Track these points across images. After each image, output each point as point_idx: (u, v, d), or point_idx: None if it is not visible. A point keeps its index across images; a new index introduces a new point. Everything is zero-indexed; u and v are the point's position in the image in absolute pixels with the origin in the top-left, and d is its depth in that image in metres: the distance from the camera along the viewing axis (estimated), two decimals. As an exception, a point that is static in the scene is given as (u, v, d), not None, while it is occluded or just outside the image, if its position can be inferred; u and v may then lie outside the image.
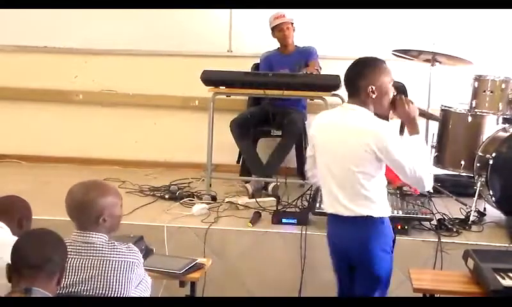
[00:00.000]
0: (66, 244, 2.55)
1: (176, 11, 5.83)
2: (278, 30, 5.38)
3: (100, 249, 2.55)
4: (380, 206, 3.02)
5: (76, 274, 2.51)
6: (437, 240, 4.09)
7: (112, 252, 2.55)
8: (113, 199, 2.67)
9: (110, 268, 2.51)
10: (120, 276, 2.51)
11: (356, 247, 3.03)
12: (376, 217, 3.00)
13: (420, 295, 3.17)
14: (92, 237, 2.57)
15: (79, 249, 2.55)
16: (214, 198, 4.90)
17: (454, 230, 4.25)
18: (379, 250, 3.03)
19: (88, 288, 2.49)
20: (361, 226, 3.00)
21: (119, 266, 2.52)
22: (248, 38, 5.95)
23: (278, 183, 4.98)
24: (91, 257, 2.53)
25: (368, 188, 2.97)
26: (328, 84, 4.78)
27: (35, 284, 2.20)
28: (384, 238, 3.06)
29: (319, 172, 3.13)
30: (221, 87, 5.01)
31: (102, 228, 2.60)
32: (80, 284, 2.49)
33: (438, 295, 3.19)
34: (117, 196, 2.70)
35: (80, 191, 2.63)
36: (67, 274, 2.50)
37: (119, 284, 2.50)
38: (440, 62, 5.12)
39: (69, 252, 2.52)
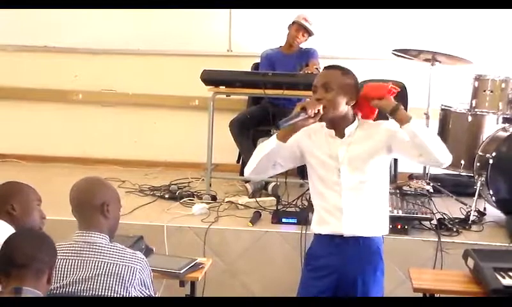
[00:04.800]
0: (67, 246, 2.55)
1: (176, 11, 5.82)
2: (295, 29, 5.39)
3: (101, 250, 2.53)
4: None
5: (74, 273, 2.49)
6: (437, 239, 4.09)
7: (113, 255, 2.52)
8: (115, 194, 2.68)
9: (109, 271, 2.48)
10: (118, 279, 2.48)
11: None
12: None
13: (420, 294, 3.17)
14: (93, 237, 2.55)
15: (79, 250, 2.53)
16: (213, 198, 4.89)
17: (454, 230, 4.24)
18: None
19: (86, 288, 2.47)
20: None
21: (118, 269, 2.49)
22: (247, 37, 5.95)
23: (278, 183, 4.97)
24: (91, 258, 2.51)
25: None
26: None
27: (24, 284, 2.17)
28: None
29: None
30: (220, 87, 5.01)
31: (105, 224, 2.58)
32: (79, 284, 2.47)
33: (438, 295, 3.19)
34: (118, 195, 2.71)
35: (84, 183, 2.65)
36: (66, 273, 2.49)
37: (119, 287, 2.48)
38: (440, 62, 5.12)
39: (69, 254, 2.52)
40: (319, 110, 2.76)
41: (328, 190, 2.90)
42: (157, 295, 2.67)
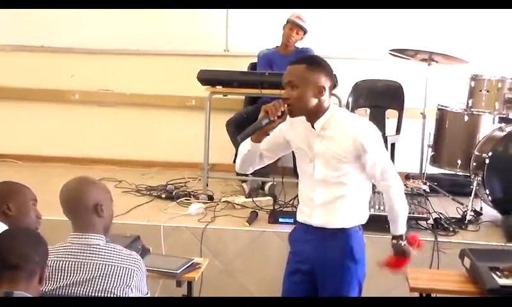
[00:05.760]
0: (64, 247, 2.54)
1: (173, 11, 5.81)
2: (289, 28, 5.39)
3: (99, 252, 2.51)
4: None
5: (73, 275, 2.47)
6: (434, 239, 4.10)
7: (111, 257, 2.51)
8: (106, 192, 2.66)
9: (108, 272, 2.48)
10: (117, 281, 2.48)
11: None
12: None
13: (417, 294, 3.17)
14: (90, 238, 2.53)
15: (76, 252, 2.51)
16: (210, 198, 4.90)
17: (451, 229, 4.26)
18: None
19: (85, 290, 2.46)
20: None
21: (116, 271, 2.48)
22: (244, 37, 5.95)
23: (275, 183, 4.98)
24: (89, 260, 2.49)
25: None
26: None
27: (16, 287, 2.13)
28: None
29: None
30: (217, 87, 5.01)
31: (99, 223, 2.57)
32: (77, 286, 2.46)
33: (434, 295, 3.19)
34: (108, 191, 2.68)
35: (74, 184, 2.62)
36: (64, 275, 2.48)
37: (117, 289, 2.47)
38: (437, 62, 5.12)
39: (66, 255, 2.51)
40: (282, 111, 2.74)
41: (304, 180, 2.92)
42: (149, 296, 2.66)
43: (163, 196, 4.96)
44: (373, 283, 3.61)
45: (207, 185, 5.05)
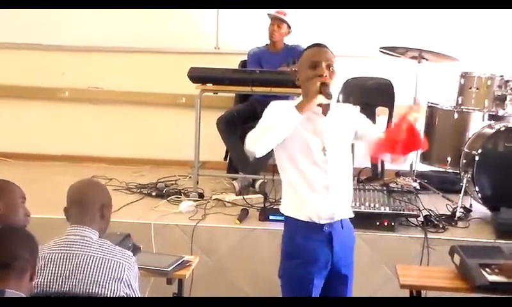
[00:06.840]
0: (60, 240, 2.56)
1: (164, 9, 5.80)
2: (271, 23, 5.39)
3: (91, 244, 2.54)
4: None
5: (65, 267, 2.49)
6: (424, 236, 4.11)
7: (103, 250, 2.54)
8: (110, 198, 2.74)
9: (99, 265, 2.49)
10: (108, 274, 2.49)
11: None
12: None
13: (407, 291, 3.18)
14: (84, 230, 2.57)
15: (70, 244, 2.54)
16: (201, 195, 4.89)
17: (441, 226, 4.27)
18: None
19: (76, 282, 2.47)
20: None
21: (107, 264, 2.50)
22: (235, 35, 5.95)
23: (265, 180, 4.98)
24: (81, 252, 2.51)
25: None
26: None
27: (7, 285, 2.14)
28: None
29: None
30: (208, 85, 5.00)
31: (98, 224, 2.62)
32: (69, 278, 2.47)
33: (425, 291, 3.20)
34: (111, 199, 2.76)
35: (86, 184, 2.72)
36: (55, 266, 2.49)
37: (108, 282, 2.48)
38: (427, 59, 5.14)
39: (60, 247, 2.53)
40: None
41: (312, 168, 2.79)
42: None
43: (154, 193, 4.95)
44: (364, 281, 3.63)
45: (198, 182, 5.04)
